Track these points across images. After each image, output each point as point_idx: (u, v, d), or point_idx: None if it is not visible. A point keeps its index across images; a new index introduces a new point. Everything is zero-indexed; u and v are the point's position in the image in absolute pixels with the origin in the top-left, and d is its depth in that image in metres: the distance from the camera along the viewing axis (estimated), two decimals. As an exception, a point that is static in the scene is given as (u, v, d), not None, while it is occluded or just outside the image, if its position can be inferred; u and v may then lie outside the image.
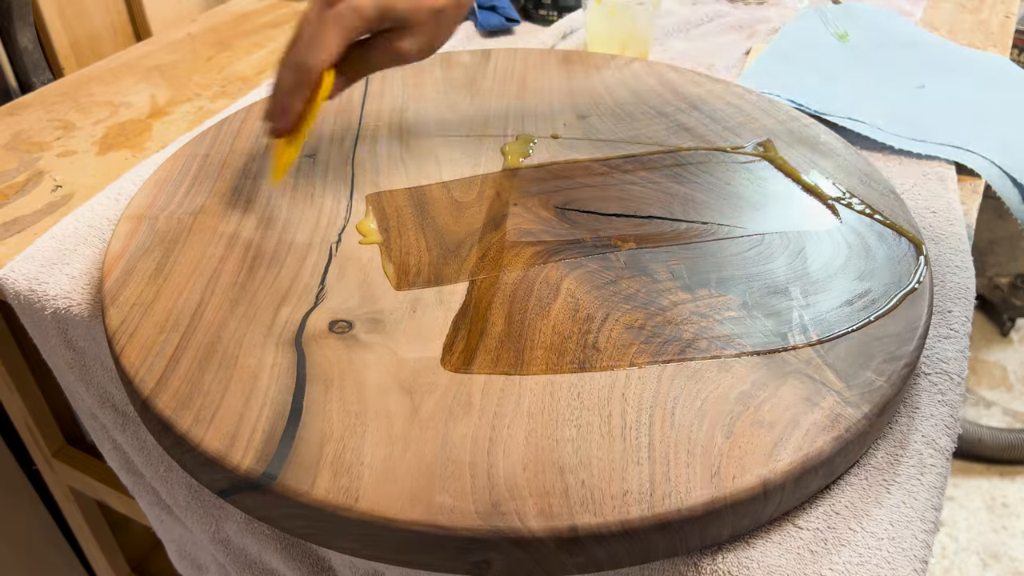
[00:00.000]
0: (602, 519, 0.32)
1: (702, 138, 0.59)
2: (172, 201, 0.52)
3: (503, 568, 0.33)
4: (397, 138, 0.59)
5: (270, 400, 0.37)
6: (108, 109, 0.72)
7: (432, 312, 0.43)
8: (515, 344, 0.41)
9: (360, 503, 0.33)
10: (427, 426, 0.36)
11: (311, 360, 0.39)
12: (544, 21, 0.89)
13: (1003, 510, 1.31)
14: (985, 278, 1.58)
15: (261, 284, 0.44)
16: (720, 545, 0.35)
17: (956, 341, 0.45)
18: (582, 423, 0.36)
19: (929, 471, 0.38)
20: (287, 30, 0.88)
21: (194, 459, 0.36)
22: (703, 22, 0.89)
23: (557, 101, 0.64)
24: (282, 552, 0.51)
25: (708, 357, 0.40)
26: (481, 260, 0.46)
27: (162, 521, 0.64)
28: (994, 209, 1.39)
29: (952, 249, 0.52)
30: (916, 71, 0.74)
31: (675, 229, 0.49)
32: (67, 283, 0.50)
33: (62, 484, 0.79)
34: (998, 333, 1.63)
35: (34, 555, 0.89)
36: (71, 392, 0.58)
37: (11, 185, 0.61)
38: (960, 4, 0.94)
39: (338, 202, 0.52)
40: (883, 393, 0.38)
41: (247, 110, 0.62)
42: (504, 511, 0.32)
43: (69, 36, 0.87)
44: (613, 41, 0.76)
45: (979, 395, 1.50)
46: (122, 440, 0.56)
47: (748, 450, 0.35)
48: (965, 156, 0.61)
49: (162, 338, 0.41)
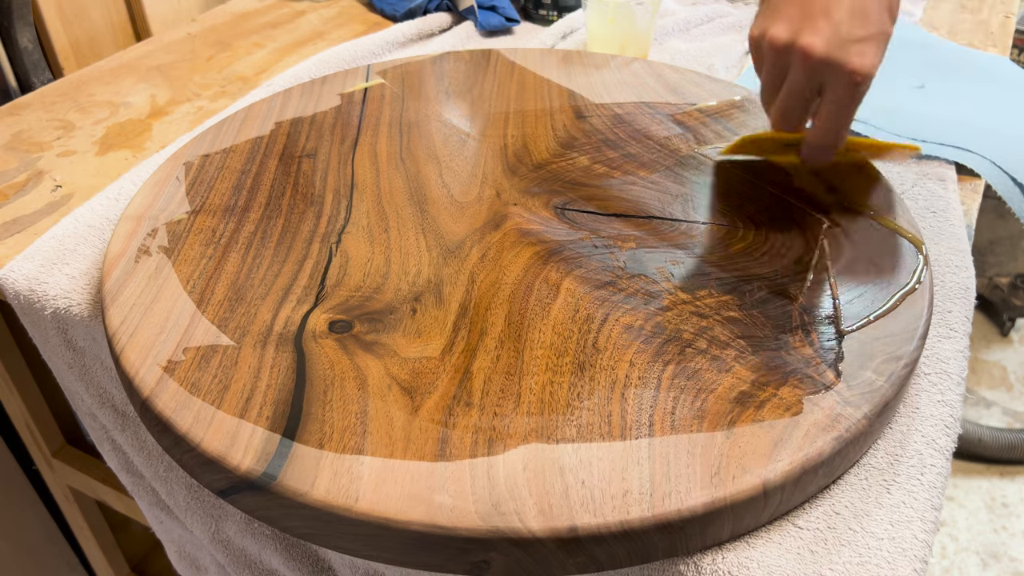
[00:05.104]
0: (602, 519, 0.32)
1: (702, 138, 0.59)
2: (172, 201, 0.52)
3: (503, 568, 0.33)
4: (397, 138, 0.59)
5: (270, 400, 0.37)
6: (108, 109, 0.72)
7: (432, 312, 0.43)
8: (515, 344, 0.41)
9: (360, 503, 0.33)
10: (427, 426, 0.36)
11: (311, 360, 0.39)
12: (544, 21, 0.89)
13: (1003, 510, 1.31)
14: (985, 278, 1.58)
15: (261, 284, 0.44)
16: (720, 545, 0.35)
17: (956, 341, 0.45)
18: (582, 423, 0.36)
19: (929, 471, 0.38)
20: (287, 30, 0.89)
21: (194, 459, 0.36)
22: (703, 22, 0.89)
23: (557, 101, 0.64)
24: (282, 552, 0.51)
25: (708, 357, 0.40)
26: (481, 260, 0.46)
27: (161, 522, 0.64)
28: (994, 209, 1.39)
29: (952, 249, 0.52)
30: (916, 71, 0.74)
31: (675, 229, 0.49)
32: (67, 283, 0.50)
33: (62, 484, 0.79)
34: (998, 333, 1.63)
35: (34, 555, 0.89)
36: (71, 392, 0.58)
37: (11, 185, 0.61)
38: (960, 4, 0.94)
39: (338, 202, 0.52)
40: (883, 393, 0.38)
41: (247, 110, 0.62)
42: (504, 511, 0.32)
43: (69, 36, 0.87)
44: (613, 41, 0.76)
45: (979, 395, 1.50)
46: (122, 440, 0.56)
47: (748, 450, 0.35)
48: (965, 156, 0.61)
49: (162, 338, 0.41)
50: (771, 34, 0.46)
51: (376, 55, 0.80)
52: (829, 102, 0.45)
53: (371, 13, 0.94)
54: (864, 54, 0.43)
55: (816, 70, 0.44)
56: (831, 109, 0.45)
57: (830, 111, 0.45)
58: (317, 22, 0.91)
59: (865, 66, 0.43)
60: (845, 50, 0.43)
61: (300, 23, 0.91)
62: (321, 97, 0.65)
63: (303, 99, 0.64)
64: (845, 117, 0.46)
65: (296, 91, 0.65)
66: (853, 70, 0.43)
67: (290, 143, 0.58)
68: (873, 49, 0.43)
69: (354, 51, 0.78)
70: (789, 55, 0.45)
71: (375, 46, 0.80)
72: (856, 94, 0.44)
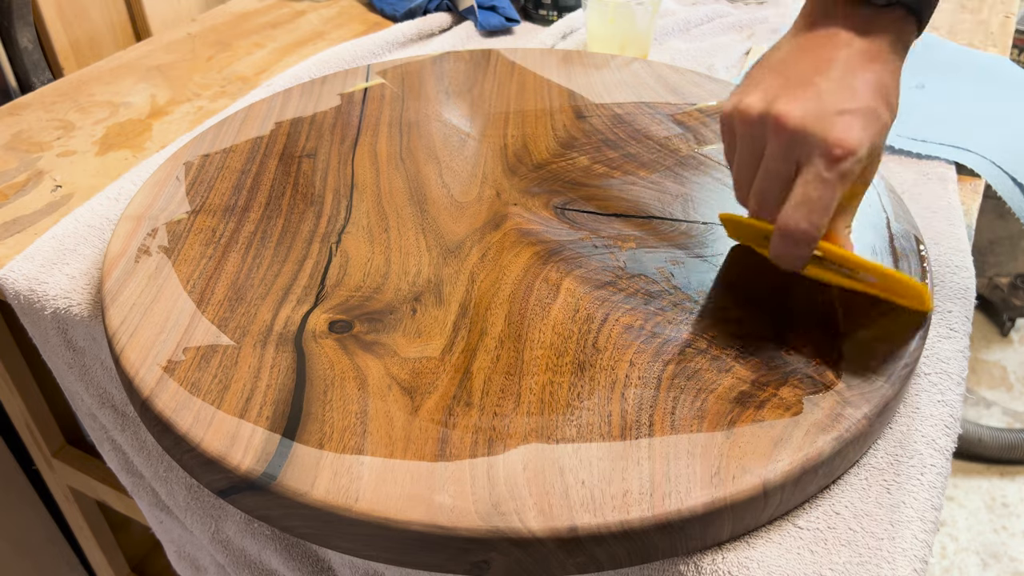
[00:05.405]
0: (602, 519, 0.32)
1: (702, 138, 0.59)
2: (172, 201, 0.52)
3: (503, 568, 0.33)
4: (397, 138, 0.59)
5: (270, 400, 0.37)
6: (108, 109, 0.72)
7: (432, 312, 0.43)
8: (515, 344, 0.41)
9: (360, 503, 0.33)
10: (427, 426, 0.36)
11: (311, 360, 0.39)
12: (544, 21, 0.89)
13: (1003, 510, 1.31)
14: (985, 278, 1.58)
15: (261, 284, 0.44)
16: (720, 545, 0.35)
17: (956, 341, 0.45)
18: (582, 423, 0.36)
19: (929, 471, 0.38)
20: (287, 30, 0.89)
21: (194, 459, 0.36)
22: (703, 22, 0.89)
23: (557, 101, 0.64)
24: (282, 552, 0.51)
25: (708, 357, 0.40)
26: (481, 260, 0.46)
27: (161, 522, 0.64)
28: (994, 209, 1.39)
29: (952, 249, 0.52)
30: (916, 71, 0.74)
31: (675, 229, 0.49)
32: (67, 283, 0.50)
33: (62, 484, 0.79)
34: (998, 333, 1.63)
35: (34, 555, 0.89)
36: (71, 392, 0.58)
37: (11, 185, 0.61)
38: (960, 4, 0.94)
39: (338, 202, 0.52)
40: (883, 393, 0.38)
41: (247, 110, 0.62)
42: (504, 511, 0.32)
43: (69, 36, 0.87)
44: (613, 41, 0.76)
45: (979, 395, 1.50)
46: (122, 440, 0.56)
47: (748, 450, 0.35)
48: (965, 156, 0.61)
49: (162, 338, 0.41)
50: (744, 104, 0.39)
51: (376, 55, 0.80)
52: (803, 181, 0.37)
53: (371, 13, 0.94)
54: (850, 127, 0.36)
55: (792, 142, 0.37)
56: (804, 189, 0.37)
57: (804, 191, 0.37)
58: (317, 22, 0.91)
59: (849, 140, 0.36)
60: (827, 121, 0.36)
61: (300, 23, 0.91)
62: (321, 97, 0.65)
63: (303, 99, 0.64)
64: (821, 200, 0.37)
65: (296, 91, 0.65)
66: (834, 142, 0.36)
67: (290, 143, 0.58)
68: (860, 124, 0.36)
69: (354, 51, 0.78)
70: (763, 126, 0.38)
71: (375, 46, 0.80)
72: (838, 173, 0.36)
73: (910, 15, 0.39)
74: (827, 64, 0.38)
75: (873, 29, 0.39)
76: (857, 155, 0.36)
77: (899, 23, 0.39)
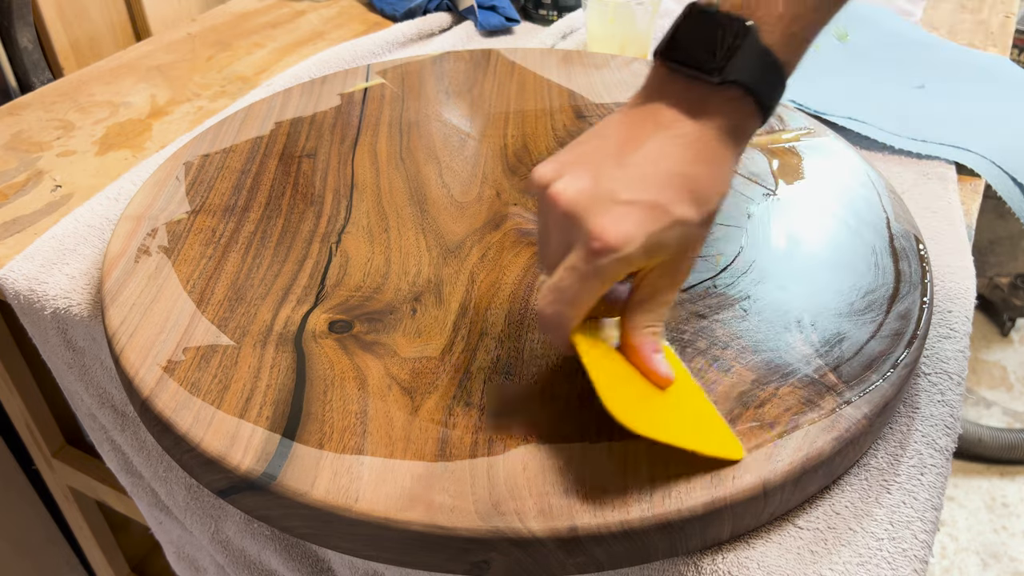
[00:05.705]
0: (602, 519, 0.32)
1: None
2: (172, 201, 0.52)
3: (503, 568, 0.33)
4: (397, 138, 0.59)
5: (270, 400, 0.37)
6: (108, 109, 0.72)
7: (432, 312, 0.43)
8: (515, 344, 0.41)
9: (360, 503, 0.33)
10: (427, 426, 0.36)
11: (311, 360, 0.39)
12: (544, 21, 0.89)
13: (1003, 510, 1.31)
14: (985, 278, 1.58)
15: (261, 284, 0.44)
16: (720, 545, 0.35)
17: (956, 341, 0.45)
18: (582, 422, 0.36)
19: (929, 471, 0.38)
20: (287, 30, 0.89)
21: (194, 459, 0.36)
22: (703, 22, 0.89)
23: (557, 101, 0.64)
24: (282, 552, 0.51)
25: (708, 357, 0.40)
26: (481, 260, 0.46)
27: (160, 522, 0.64)
28: (994, 209, 1.39)
29: (952, 249, 0.52)
30: (916, 71, 0.74)
31: (675, 229, 0.49)
32: (67, 283, 0.50)
33: (62, 484, 0.79)
34: (998, 333, 1.63)
35: (34, 555, 0.89)
36: (70, 392, 0.58)
37: (11, 185, 0.61)
38: (960, 4, 0.94)
39: (338, 202, 0.52)
40: (883, 393, 0.38)
41: (247, 110, 0.62)
42: (504, 511, 0.32)
43: (69, 36, 0.87)
44: (613, 41, 0.76)
45: (979, 395, 1.50)
46: (121, 440, 0.56)
47: (748, 450, 0.35)
48: (965, 156, 0.61)
49: (162, 338, 0.41)
50: (538, 172, 0.36)
51: (376, 55, 0.80)
52: (562, 265, 0.33)
53: (371, 13, 0.94)
54: (620, 220, 0.32)
55: (564, 222, 0.34)
56: (559, 275, 0.33)
57: (558, 276, 0.33)
58: (317, 22, 0.91)
59: (611, 234, 0.32)
60: (598, 208, 0.32)
61: (300, 23, 0.91)
62: (321, 97, 0.65)
63: (303, 99, 0.64)
64: (570, 290, 0.33)
65: (296, 91, 0.65)
66: (595, 234, 0.32)
67: (290, 143, 0.58)
68: (636, 219, 0.32)
69: (354, 51, 0.78)
70: (543, 199, 0.35)
71: (375, 46, 0.80)
72: (593, 267, 0.32)
73: (747, 95, 0.33)
74: (633, 145, 0.34)
75: (705, 111, 0.33)
76: (619, 252, 0.32)
77: (735, 105, 0.33)
